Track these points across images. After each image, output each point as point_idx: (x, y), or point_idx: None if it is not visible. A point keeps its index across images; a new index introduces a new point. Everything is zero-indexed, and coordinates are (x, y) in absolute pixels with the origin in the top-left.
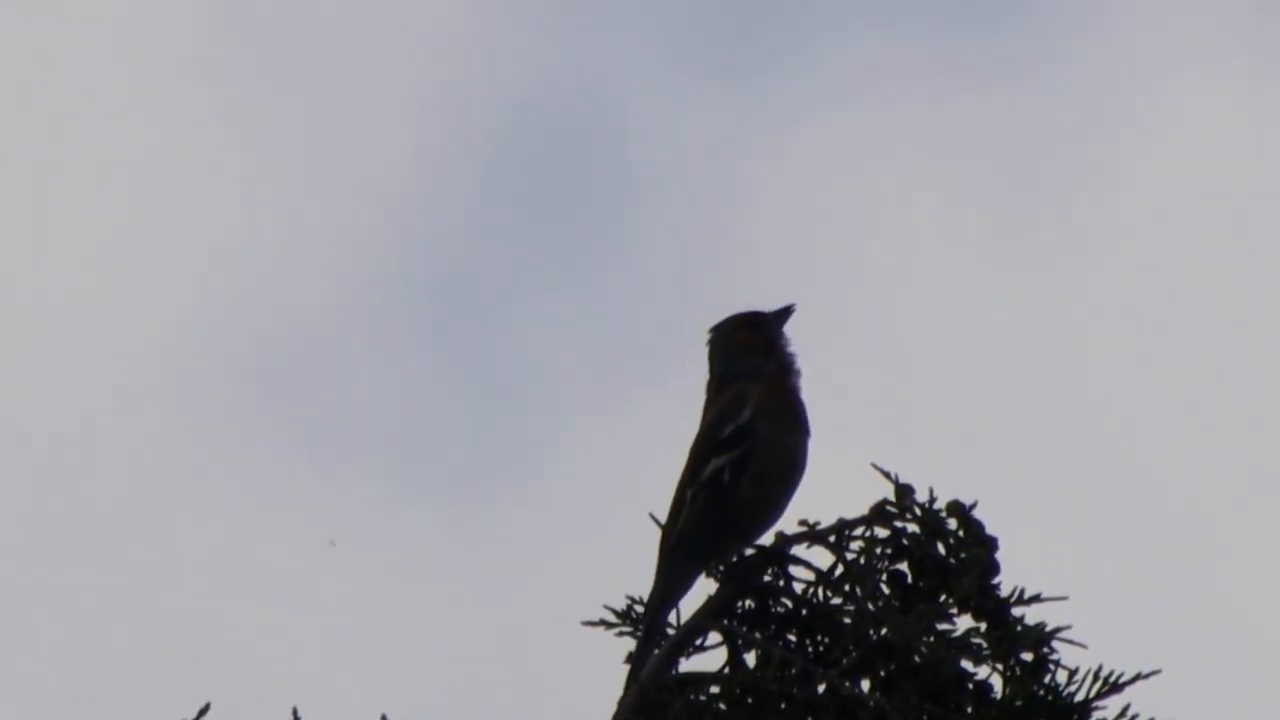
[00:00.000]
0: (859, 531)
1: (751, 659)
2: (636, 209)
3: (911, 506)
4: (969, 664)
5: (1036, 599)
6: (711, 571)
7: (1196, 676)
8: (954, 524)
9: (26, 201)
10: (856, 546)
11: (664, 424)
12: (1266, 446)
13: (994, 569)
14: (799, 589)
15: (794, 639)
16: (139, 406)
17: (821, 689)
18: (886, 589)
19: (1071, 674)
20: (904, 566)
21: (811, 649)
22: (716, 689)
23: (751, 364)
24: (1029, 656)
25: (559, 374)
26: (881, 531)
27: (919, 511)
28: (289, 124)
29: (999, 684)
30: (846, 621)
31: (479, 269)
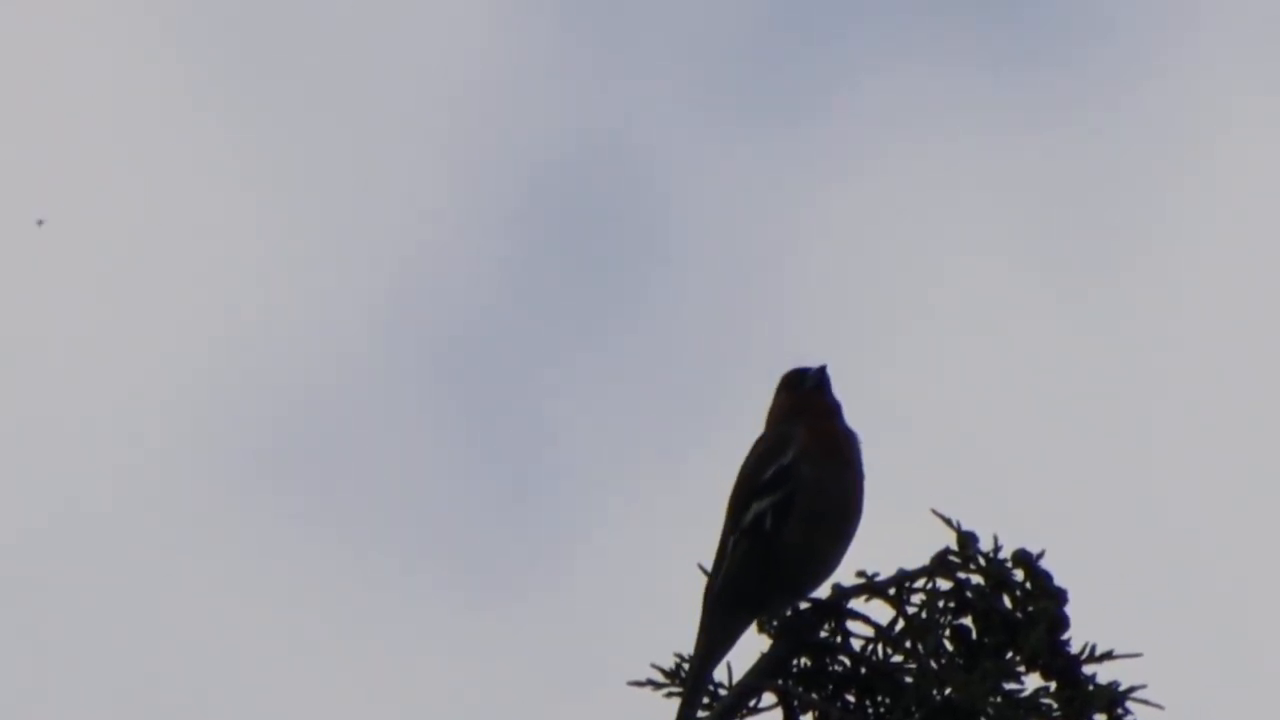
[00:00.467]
0: (920, 583)
1: None
2: (672, 264)
3: (975, 556)
4: None
5: (1109, 656)
6: (764, 627)
7: None
8: (1020, 575)
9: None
10: (917, 600)
11: (714, 481)
12: None
13: (1063, 623)
14: (857, 645)
15: (853, 699)
16: (139, 481)
17: None
18: (950, 645)
19: None
20: (968, 621)
21: (871, 710)
22: None
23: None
24: (1102, 718)
25: (596, 437)
26: (944, 583)
27: (983, 562)
28: (307, 181)
29: None
30: (908, 680)
31: (506, 331)
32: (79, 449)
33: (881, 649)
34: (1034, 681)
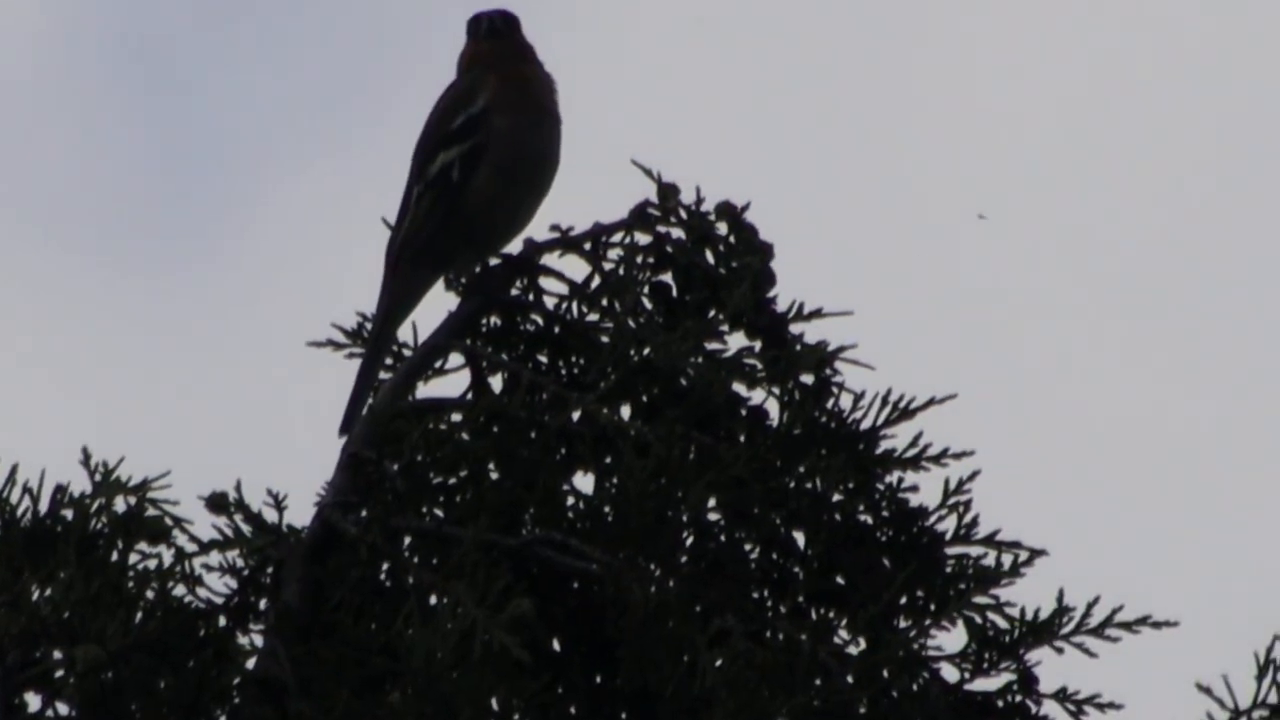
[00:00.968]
0: (618, 238)
1: (498, 383)
2: None
3: (676, 209)
4: (742, 387)
5: (818, 314)
6: (451, 284)
7: (994, 401)
8: (724, 228)
9: None
10: (615, 255)
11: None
12: None
13: (769, 279)
14: (550, 304)
15: (545, 360)
16: None
17: (576, 416)
18: (649, 303)
19: (857, 398)
20: (668, 277)
21: (565, 371)
22: (458, 416)
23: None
24: (809, 379)
25: (281, 92)
26: (643, 238)
27: (684, 215)
28: None
29: (775, 410)
30: (604, 340)
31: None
32: None
33: (576, 307)
34: (738, 341)
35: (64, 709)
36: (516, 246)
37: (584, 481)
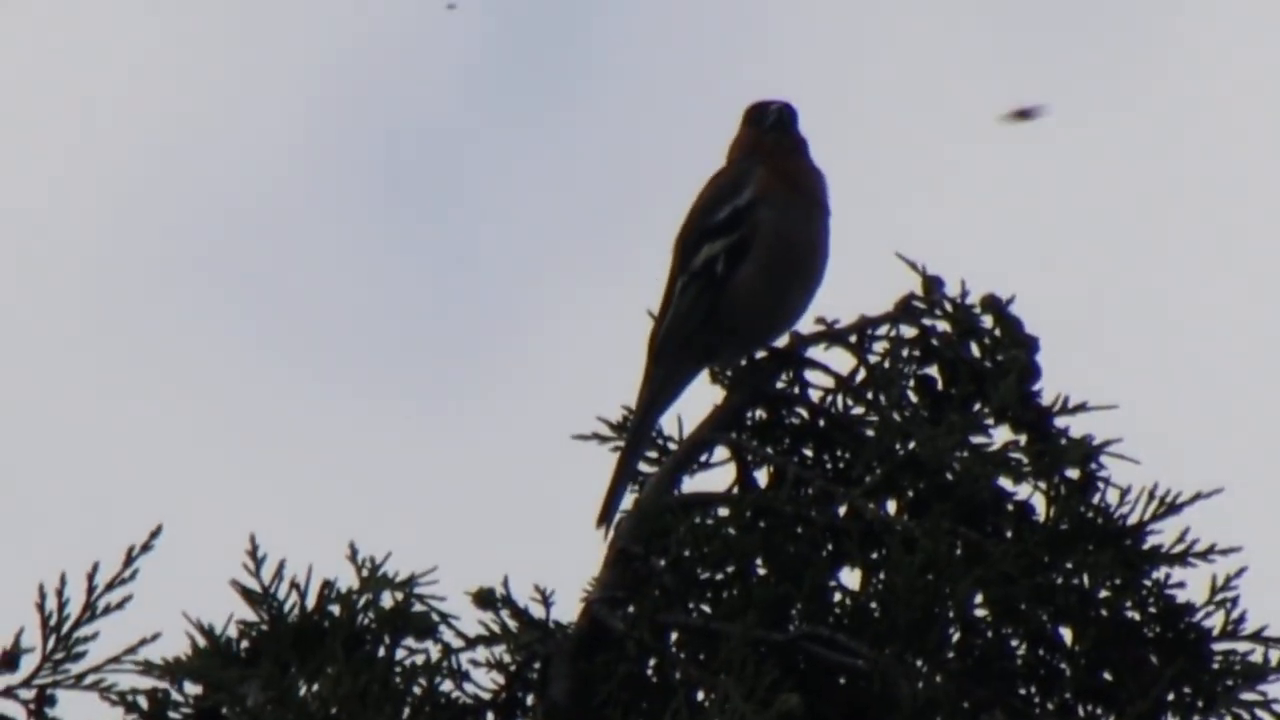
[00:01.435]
0: (883, 330)
1: (763, 477)
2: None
3: (941, 301)
4: (1007, 482)
5: (1082, 408)
6: (717, 378)
7: (1262, 496)
8: (989, 321)
9: None
10: (880, 348)
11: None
12: None
13: (1035, 373)
14: (816, 396)
15: (810, 454)
16: (65, 281)
17: (842, 510)
18: (914, 396)
19: (1123, 493)
20: (933, 370)
21: (830, 465)
22: (725, 511)
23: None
24: (1075, 474)
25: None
26: (908, 330)
27: (949, 307)
28: None
29: (1041, 504)
30: (869, 433)
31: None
32: None
33: (841, 400)
34: (1003, 435)
35: None
36: (783, 340)
37: (850, 577)
